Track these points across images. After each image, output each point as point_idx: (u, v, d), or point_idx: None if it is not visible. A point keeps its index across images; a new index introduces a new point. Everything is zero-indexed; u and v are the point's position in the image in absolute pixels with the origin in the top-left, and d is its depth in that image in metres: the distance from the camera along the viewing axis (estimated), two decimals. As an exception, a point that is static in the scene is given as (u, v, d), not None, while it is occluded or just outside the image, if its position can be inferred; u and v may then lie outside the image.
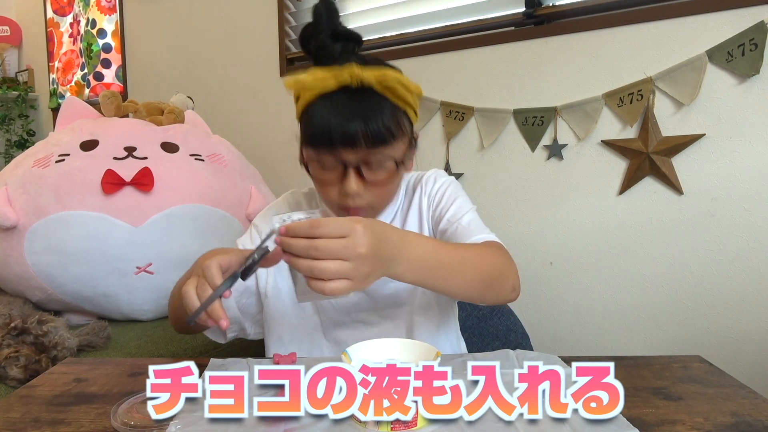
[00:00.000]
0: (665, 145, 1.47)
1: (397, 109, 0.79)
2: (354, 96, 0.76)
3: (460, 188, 0.94)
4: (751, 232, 1.41)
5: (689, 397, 0.66)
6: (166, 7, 2.59)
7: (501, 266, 0.78)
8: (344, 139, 0.75)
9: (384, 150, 0.78)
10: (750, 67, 1.36)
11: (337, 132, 0.75)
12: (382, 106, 0.77)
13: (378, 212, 0.88)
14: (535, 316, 1.70)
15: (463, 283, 0.73)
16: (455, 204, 0.90)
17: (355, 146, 0.76)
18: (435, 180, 0.94)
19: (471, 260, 0.74)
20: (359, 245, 0.59)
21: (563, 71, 1.61)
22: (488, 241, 0.84)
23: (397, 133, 0.79)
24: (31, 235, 1.37)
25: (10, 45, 3.39)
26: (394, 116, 0.78)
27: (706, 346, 1.48)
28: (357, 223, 0.60)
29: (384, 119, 0.76)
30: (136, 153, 1.49)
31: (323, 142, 0.77)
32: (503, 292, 0.79)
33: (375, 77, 0.76)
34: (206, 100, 2.31)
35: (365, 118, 0.75)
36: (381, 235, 0.62)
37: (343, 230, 0.59)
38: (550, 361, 0.77)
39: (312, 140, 0.78)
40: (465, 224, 0.86)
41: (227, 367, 0.77)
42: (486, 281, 0.76)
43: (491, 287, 0.77)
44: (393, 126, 0.78)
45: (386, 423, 0.58)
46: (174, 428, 0.58)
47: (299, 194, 0.99)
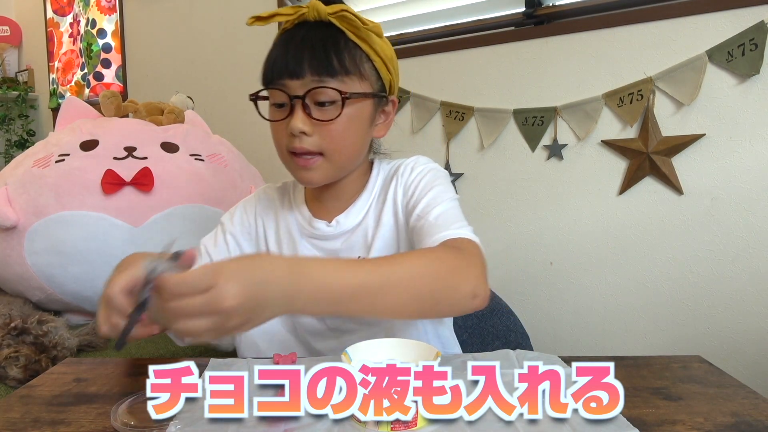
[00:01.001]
0: (665, 145, 1.47)
1: (357, 48, 0.76)
2: (309, 29, 0.75)
3: (440, 176, 0.85)
4: (751, 232, 1.41)
5: (689, 397, 0.66)
6: (166, 7, 2.59)
7: (447, 274, 0.64)
8: (289, 67, 0.73)
9: (331, 82, 0.74)
10: (750, 67, 1.36)
11: (282, 60, 0.74)
12: (337, 39, 0.75)
13: (336, 167, 0.80)
14: (535, 316, 1.70)
15: (390, 306, 0.61)
16: (429, 195, 0.80)
17: (300, 75, 0.73)
18: (412, 168, 0.85)
19: (400, 276, 0.61)
20: (223, 299, 0.50)
21: (563, 71, 1.61)
22: (447, 241, 0.72)
23: (351, 68, 0.75)
24: (31, 235, 1.37)
25: (10, 45, 3.39)
26: (350, 52, 0.75)
27: (706, 346, 1.48)
28: (219, 275, 0.51)
29: (335, 50, 0.74)
30: (136, 153, 1.49)
31: (270, 75, 0.75)
32: (456, 303, 0.65)
33: (332, 10, 0.74)
34: (206, 100, 2.30)
35: (314, 46, 0.73)
36: (255, 279, 0.53)
37: (203, 284, 0.50)
38: (550, 361, 0.77)
39: (264, 74, 0.77)
40: (432, 219, 0.76)
41: (227, 367, 0.77)
42: (424, 297, 0.63)
43: (434, 301, 0.64)
44: (347, 60, 0.74)
45: (386, 423, 0.58)
46: (174, 428, 0.58)
47: (272, 189, 0.96)
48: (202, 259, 0.89)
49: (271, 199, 0.94)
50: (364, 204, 0.86)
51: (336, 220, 0.86)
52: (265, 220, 0.92)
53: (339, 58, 0.74)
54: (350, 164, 0.83)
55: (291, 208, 0.91)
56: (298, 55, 0.73)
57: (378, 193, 0.87)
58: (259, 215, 0.92)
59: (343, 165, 0.81)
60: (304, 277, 0.56)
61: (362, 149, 0.84)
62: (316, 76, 0.73)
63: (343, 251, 0.86)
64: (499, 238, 1.74)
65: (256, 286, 0.53)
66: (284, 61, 0.74)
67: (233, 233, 0.91)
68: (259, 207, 0.93)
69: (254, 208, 0.93)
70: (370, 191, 0.87)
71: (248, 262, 0.56)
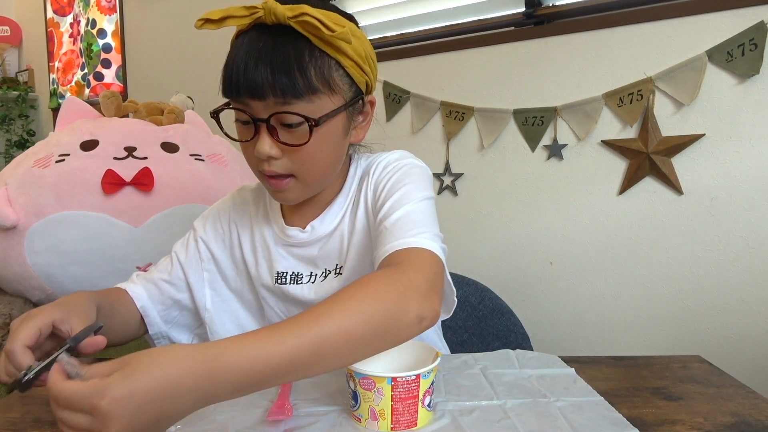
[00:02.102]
0: (665, 145, 1.47)
1: (324, 57, 0.66)
2: (267, 36, 0.64)
3: (413, 173, 0.76)
4: (751, 232, 1.41)
5: (689, 397, 0.66)
6: (166, 7, 2.59)
7: (386, 310, 0.56)
8: (248, 88, 0.64)
9: (297, 104, 0.65)
10: (750, 67, 1.36)
11: (240, 79, 0.64)
12: (300, 51, 0.64)
13: (310, 187, 0.75)
14: (535, 316, 1.70)
15: (328, 367, 0.53)
16: (394, 197, 0.72)
17: (262, 97, 0.64)
18: (384, 167, 0.78)
19: (335, 334, 0.52)
20: (105, 429, 0.43)
21: (563, 71, 1.61)
22: (393, 255, 0.64)
23: (318, 85, 0.65)
24: (31, 235, 1.37)
25: (10, 45, 3.39)
26: (316, 64, 0.65)
27: (706, 346, 1.48)
28: (102, 397, 0.43)
29: (299, 67, 0.64)
30: (136, 153, 1.49)
31: (231, 91, 0.67)
32: (402, 334, 0.57)
33: (292, 14, 0.62)
34: (206, 100, 2.30)
35: (273, 62, 0.63)
36: (147, 399, 0.44)
37: (82, 406, 0.44)
38: (550, 362, 0.77)
39: (223, 89, 0.68)
40: (389, 226, 0.68)
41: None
42: (364, 343, 0.55)
43: (377, 341, 0.56)
44: (313, 75, 0.65)
45: (386, 423, 0.58)
46: (174, 428, 0.58)
47: (247, 190, 0.92)
48: (173, 267, 0.87)
49: (246, 203, 0.89)
50: (340, 208, 0.81)
51: (311, 226, 0.81)
52: (239, 226, 0.88)
53: (304, 77, 0.64)
54: (327, 179, 0.78)
55: (266, 213, 0.86)
56: (258, 74, 0.63)
57: (354, 195, 0.81)
58: (233, 221, 0.89)
59: (318, 183, 0.76)
60: (221, 371, 0.47)
61: (338, 162, 0.77)
62: (280, 98, 0.64)
63: (320, 258, 0.81)
64: (499, 238, 1.74)
65: (153, 405, 0.44)
66: (244, 79, 0.64)
67: (205, 240, 0.88)
68: (234, 213, 0.89)
69: (228, 215, 0.90)
70: (346, 194, 0.81)
71: (145, 375, 0.44)
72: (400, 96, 1.87)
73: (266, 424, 0.59)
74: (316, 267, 0.82)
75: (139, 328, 0.85)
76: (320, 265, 0.81)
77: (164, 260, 0.90)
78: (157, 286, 0.86)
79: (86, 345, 0.59)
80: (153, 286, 0.86)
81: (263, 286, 0.84)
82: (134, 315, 0.84)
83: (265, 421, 0.60)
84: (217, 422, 0.60)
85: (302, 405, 0.64)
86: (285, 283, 0.82)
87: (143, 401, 0.44)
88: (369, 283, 0.57)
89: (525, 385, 0.69)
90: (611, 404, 0.63)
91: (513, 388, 0.68)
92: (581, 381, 0.70)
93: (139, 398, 0.43)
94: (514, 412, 0.62)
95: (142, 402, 0.44)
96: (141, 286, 0.85)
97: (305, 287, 0.81)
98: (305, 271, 0.82)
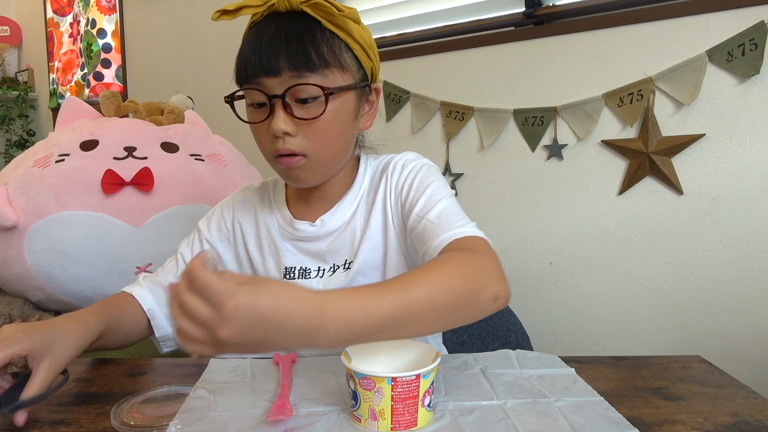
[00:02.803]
0: (665, 145, 1.47)
1: (334, 37, 0.72)
2: (281, 21, 0.70)
3: (433, 172, 0.81)
4: (751, 232, 1.41)
5: (689, 397, 0.66)
6: (166, 7, 2.59)
7: (467, 285, 0.60)
8: (264, 65, 0.68)
9: (311, 77, 0.69)
10: (750, 67, 1.36)
11: (256, 58, 0.68)
12: (312, 30, 0.70)
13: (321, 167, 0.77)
14: (535, 316, 1.70)
15: (413, 332, 0.57)
16: (426, 194, 0.77)
17: (277, 72, 0.68)
18: (403, 166, 0.82)
19: (423, 301, 0.56)
20: (219, 327, 0.47)
21: (563, 71, 1.61)
22: (456, 242, 0.69)
23: (331, 60, 0.70)
24: (31, 235, 1.37)
25: (10, 45, 3.39)
26: (327, 43, 0.70)
27: (706, 346, 1.48)
28: (230, 299, 0.46)
29: (312, 42, 0.69)
30: (136, 153, 1.49)
31: (245, 74, 0.70)
32: (479, 310, 0.62)
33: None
34: (206, 100, 2.30)
35: (288, 40, 0.68)
36: (263, 318, 0.48)
37: (211, 298, 0.47)
38: (550, 362, 0.77)
39: (237, 75, 0.72)
40: (434, 219, 0.73)
41: (227, 366, 0.77)
42: (447, 313, 0.59)
43: (457, 315, 0.60)
44: (325, 51, 0.70)
45: (386, 423, 0.58)
46: (174, 428, 0.58)
47: (251, 190, 0.93)
48: (178, 267, 0.87)
49: (250, 201, 0.90)
50: (351, 203, 0.83)
51: (320, 220, 0.82)
52: (244, 224, 0.89)
53: (317, 51, 0.69)
54: (338, 162, 0.80)
55: (271, 209, 0.88)
56: (272, 51, 0.68)
57: (366, 192, 0.83)
58: (237, 219, 0.90)
59: (331, 163, 0.78)
60: (329, 318, 0.51)
61: (349, 145, 0.81)
62: (294, 72, 0.69)
63: (329, 253, 0.82)
64: (499, 238, 1.74)
65: (264, 326, 0.48)
66: (258, 58, 0.69)
67: (210, 240, 0.89)
68: (237, 210, 0.90)
69: (232, 213, 0.90)
70: (357, 189, 0.83)
71: (269, 298, 0.48)
72: (400, 96, 1.87)
73: (266, 424, 0.59)
74: (324, 262, 0.83)
75: (146, 330, 0.85)
76: (328, 260, 0.83)
77: (170, 261, 0.90)
78: (164, 288, 0.86)
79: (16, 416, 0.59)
80: (160, 289, 0.86)
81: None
82: (141, 319, 0.84)
83: (265, 421, 0.60)
84: (217, 422, 0.60)
85: (302, 405, 0.64)
86: (293, 278, 0.83)
87: (258, 319, 0.47)
88: (451, 260, 0.63)
89: (525, 385, 0.69)
90: (611, 404, 0.63)
91: (513, 388, 0.68)
92: (581, 381, 0.70)
93: (256, 315, 0.47)
94: (514, 412, 0.62)
95: (257, 320, 0.47)
96: (147, 289, 0.85)
97: (313, 282, 0.82)
98: (313, 266, 0.83)
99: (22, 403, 0.58)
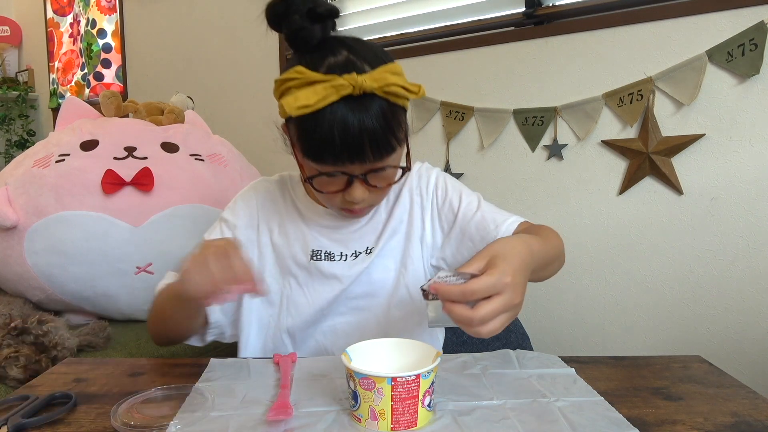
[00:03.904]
0: (665, 145, 1.47)
1: (398, 110, 0.75)
2: (355, 106, 0.70)
3: (453, 178, 0.94)
4: (751, 232, 1.41)
5: (689, 397, 0.66)
6: (166, 7, 2.59)
7: (562, 247, 0.83)
8: (351, 156, 0.71)
9: (390, 158, 0.76)
10: (750, 67, 1.36)
11: (342, 149, 0.70)
12: (386, 114, 0.71)
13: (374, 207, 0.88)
14: (535, 316, 1.70)
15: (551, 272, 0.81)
16: (463, 196, 0.89)
17: (363, 162, 0.73)
18: (428, 177, 0.93)
19: (555, 249, 0.79)
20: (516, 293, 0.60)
21: (563, 71, 1.61)
22: (524, 224, 0.87)
23: (400, 136, 0.76)
24: (31, 235, 1.37)
25: (10, 45, 3.39)
26: (397, 120, 0.74)
27: (706, 346, 1.48)
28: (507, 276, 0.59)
29: (390, 128, 0.72)
30: (136, 153, 1.49)
31: (328, 159, 0.72)
32: (563, 260, 0.86)
33: (378, 85, 0.69)
34: (206, 100, 2.30)
35: (372, 131, 0.70)
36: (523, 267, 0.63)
37: (497, 289, 0.58)
38: (550, 362, 0.77)
39: (314, 155, 0.73)
40: (487, 214, 0.87)
41: (227, 367, 0.77)
42: (560, 257, 0.83)
43: (561, 260, 0.84)
44: (397, 131, 0.74)
45: (386, 423, 0.58)
46: (174, 428, 0.58)
47: (268, 182, 0.96)
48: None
49: (270, 191, 0.94)
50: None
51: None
52: (268, 212, 0.92)
53: (396, 137, 0.74)
54: None
55: (293, 199, 0.92)
56: (357, 143, 0.70)
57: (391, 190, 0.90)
58: (260, 207, 0.93)
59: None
60: (534, 254, 0.67)
61: None
62: (378, 158, 0.73)
63: (352, 240, 0.89)
64: (499, 238, 1.73)
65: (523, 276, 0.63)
66: (344, 149, 0.71)
67: (237, 226, 0.91)
68: (259, 199, 0.93)
69: (254, 201, 0.93)
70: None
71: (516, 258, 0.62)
72: (400, 96, 1.87)
73: (266, 424, 0.59)
74: (346, 248, 0.89)
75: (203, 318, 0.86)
76: (351, 246, 0.89)
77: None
78: None
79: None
80: None
81: (296, 263, 0.89)
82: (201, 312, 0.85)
83: (265, 421, 0.60)
84: (217, 422, 0.60)
85: (302, 405, 0.64)
86: (320, 259, 0.89)
87: (521, 270, 0.62)
88: (548, 229, 0.84)
89: (525, 385, 0.69)
90: (611, 404, 0.63)
91: (513, 388, 0.68)
92: (581, 381, 0.70)
93: (521, 269, 0.62)
94: (514, 412, 0.62)
95: (521, 270, 0.62)
96: None
97: (337, 264, 0.89)
98: (336, 250, 0.89)
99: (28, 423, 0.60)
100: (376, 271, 0.89)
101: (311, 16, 0.71)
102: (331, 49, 0.72)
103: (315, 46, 0.73)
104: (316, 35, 0.72)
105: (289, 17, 0.71)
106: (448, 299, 0.59)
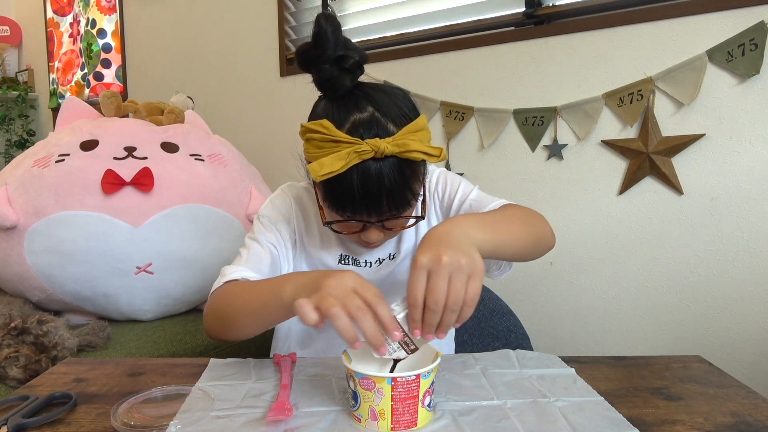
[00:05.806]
0: (665, 145, 1.47)
1: (417, 167, 0.76)
2: (376, 166, 0.72)
3: (453, 173, 0.98)
4: (751, 232, 1.41)
5: (689, 397, 0.66)
6: (166, 7, 2.59)
7: (535, 216, 0.83)
8: (369, 211, 0.75)
9: (408, 210, 0.79)
10: (750, 67, 1.36)
11: (361, 205, 0.74)
12: (404, 172, 0.74)
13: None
14: (535, 316, 1.70)
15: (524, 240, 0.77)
16: (460, 187, 0.94)
17: (379, 214, 0.76)
18: (431, 175, 0.96)
19: (514, 218, 0.78)
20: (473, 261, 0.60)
21: (563, 71, 1.61)
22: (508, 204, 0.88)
23: (417, 191, 0.78)
24: (31, 235, 1.37)
25: (10, 45, 3.39)
26: (416, 176, 0.76)
27: (706, 346, 1.48)
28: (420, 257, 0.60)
29: (407, 186, 0.75)
30: (136, 153, 1.49)
31: (347, 211, 0.76)
32: (546, 245, 0.84)
33: (399, 150, 0.72)
34: (206, 100, 2.30)
35: (389, 190, 0.73)
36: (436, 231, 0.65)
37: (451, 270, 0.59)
38: (550, 362, 0.77)
39: (335, 207, 0.76)
40: (477, 197, 0.90)
41: (227, 367, 0.77)
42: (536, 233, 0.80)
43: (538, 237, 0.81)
44: (415, 187, 0.76)
45: (386, 423, 0.58)
46: (174, 428, 0.58)
47: (298, 188, 0.98)
48: (265, 253, 0.88)
49: (300, 196, 0.96)
50: None
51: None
52: (300, 213, 0.95)
53: (413, 193, 0.76)
54: None
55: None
56: (376, 199, 0.73)
57: None
58: (294, 208, 0.95)
59: None
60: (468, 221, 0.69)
61: None
62: (395, 212, 0.77)
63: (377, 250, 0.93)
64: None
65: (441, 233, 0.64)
66: (363, 205, 0.74)
67: (278, 221, 0.93)
68: (292, 200, 0.96)
69: (289, 201, 0.95)
70: None
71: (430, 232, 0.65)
72: (400, 96, 1.87)
73: (266, 424, 0.59)
74: (371, 255, 0.94)
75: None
76: (374, 254, 0.94)
77: (248, 252, 0.89)
78: (262, 274, 0.86)
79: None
80: (260, 275, 0.86)
81: (325, 266, 0.94)
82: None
83: (265, 421, 0.60)
84: (217, 422, 0.60)
85: (302, 405, 0.64)
86: (347, 264, 0.94)
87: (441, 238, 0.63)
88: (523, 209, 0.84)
89: (525, 385, 0.69)
90: (611, 404, 0.63)
91: (513, 388, 0.69)
92: (581, 381, 0.70)
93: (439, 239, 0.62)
94: (514, 412, 0.62)
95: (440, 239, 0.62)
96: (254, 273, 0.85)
97: (362, 270, 0.93)
98: (361, 258, 0.94)
99: (28, 423, 0.60)
100: (399, 273, 0.94)
101: (341, 66, 0.73)
102: (356, 103, 0.74)
103: (342, 95, 0.75)
104: (345, 85, 0.74)
105: (319, 65, 0.73)
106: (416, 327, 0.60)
